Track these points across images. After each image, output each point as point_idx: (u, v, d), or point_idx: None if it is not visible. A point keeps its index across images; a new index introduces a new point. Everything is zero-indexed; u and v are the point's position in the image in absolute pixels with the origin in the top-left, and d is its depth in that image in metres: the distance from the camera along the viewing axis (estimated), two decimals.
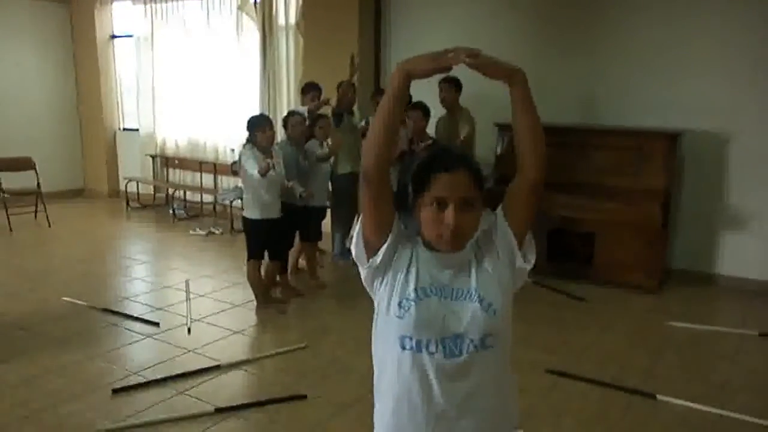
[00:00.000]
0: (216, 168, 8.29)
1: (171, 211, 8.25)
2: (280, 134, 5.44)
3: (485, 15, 6.26)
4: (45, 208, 7.69)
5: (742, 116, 5.21)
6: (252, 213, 4.74)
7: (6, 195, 7.56)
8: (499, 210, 1.50)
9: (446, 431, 1.45)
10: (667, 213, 5.26)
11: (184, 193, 8.61)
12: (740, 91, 5.19)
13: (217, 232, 7.48)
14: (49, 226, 7.62)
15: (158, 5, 8.58)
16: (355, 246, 1.50)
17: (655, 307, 5.06)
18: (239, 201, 7.48)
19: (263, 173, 4.46)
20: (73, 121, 9.59)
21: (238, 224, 7.29)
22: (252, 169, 4.53)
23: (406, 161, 2.51)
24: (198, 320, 4.70)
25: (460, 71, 1.49)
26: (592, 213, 5.33)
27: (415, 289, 1.44)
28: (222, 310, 4.96)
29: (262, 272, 5.00)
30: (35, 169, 7.81)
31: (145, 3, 8.68)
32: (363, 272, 1.52)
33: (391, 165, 1.50)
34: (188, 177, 8.75)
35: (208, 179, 8.49)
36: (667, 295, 5.33)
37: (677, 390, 3.59)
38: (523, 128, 1.42)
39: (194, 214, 8.33)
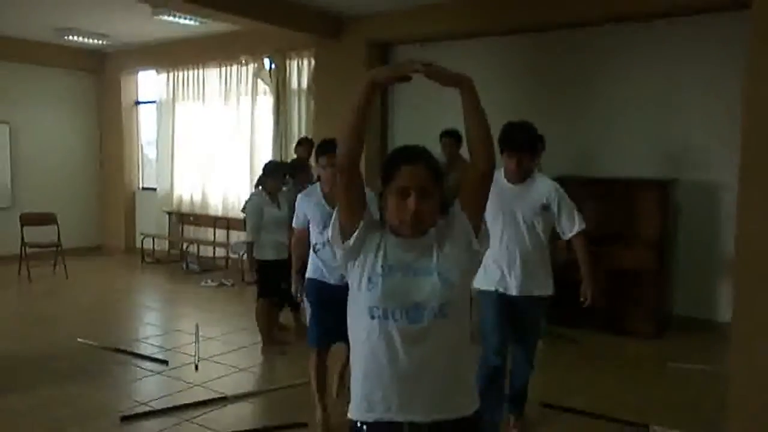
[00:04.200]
0: (229, 223, 8.59)
1: (184, 265, 8.50)
2: None
3: (486, 72, 6.65)
4: (64, 261, 7.98)
5: (728, 165, 5.42)
6: (262, 254, 4.98)
7: (28, 248, 7.87)
8: (456, 201, 1.74)
9: (408, 391, 1.64)
10: (662, 259, 5.41)
11: (198, 247, 8.88)
12: (726, 139, 5.40)
13: (228, 283, 7.69)
14: (67, 277, 7.88)
15: (180, 73, 9.15)
16: (332, 229, 1.73)
17: (652, 351, 5.14)
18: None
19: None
20: (95, 180, 10.07)
21: (249, 276, 7.54)
22: (248, 227, 5.04)
23: None
24: (206, 359, 4.85)
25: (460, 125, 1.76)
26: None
27: (383, 266, 1.67)
28: (229, 351, 5.12)
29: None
30: (57, 224, 8.15)
31: (168, 72, 9.28)
32: (338, 254, 1.75)
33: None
34: (202, 233, 9.05)
35: (221, 235, 8.77)
36: (666, 340, 5.40)
37: (670, 421, 3.66)
38: (473, 127, 1.67)
39: (207, 268, 8.56)
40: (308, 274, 3.56)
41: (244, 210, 5.28)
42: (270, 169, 5.19)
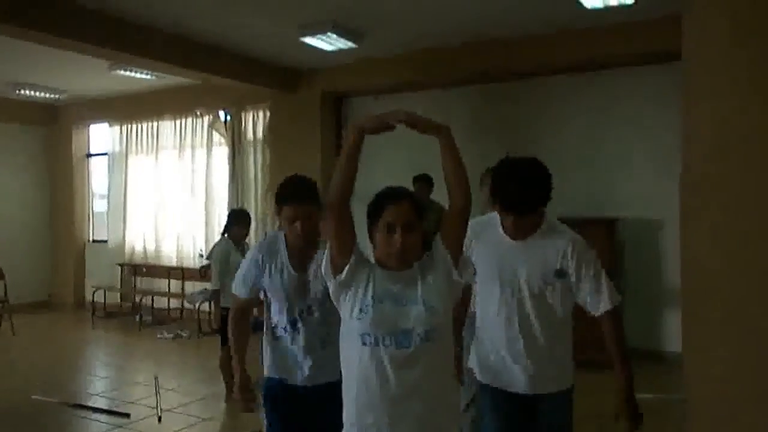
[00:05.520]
0: (184, 273, 8.51)
1: (138, 318, 8.34)
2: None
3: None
4: (11, 317, 7.71)
5: (669, 203, 5.81)
6: (226, 300, 4.98)
7: None
8: (437, 236, 1.91)
9: (399, 412, 1.77)
10: None
11: (152, 299, 8.73)
12: (665, 180, 5.79)
13: (184, 335, 7.58)
14: (14, 334, 7.61)
15: (134, 125, 9.17)
16: (324, 265, 1.88)
17: (607, 381, 5.34)
18: (207, 304, 7.71)
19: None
20: (44, 234, 9.82)
21: (206, 327, 7.48)
22: (214, 275, 4.97)
23: None
24: (168, 410, 4.78)
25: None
26: None
27: (372, 297, 1.83)
28: (191, 401, 5.06)
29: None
30: (4, 279, 7.91)
31: (121, 124, 9.28)
32: (331, 287, 1.89)
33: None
34: (156, 284, 8.91)
35: (175, 285, 8.67)
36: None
37: None
38: (449, 169, 1.86)
39: (161, 320, 8.41)
40: (266, 371, 2.60)
41: (209, 257, 5.30)
42: (234, 216, 5.23)
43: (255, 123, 8.12)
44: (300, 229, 2.40)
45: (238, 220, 5.16)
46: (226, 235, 5.14)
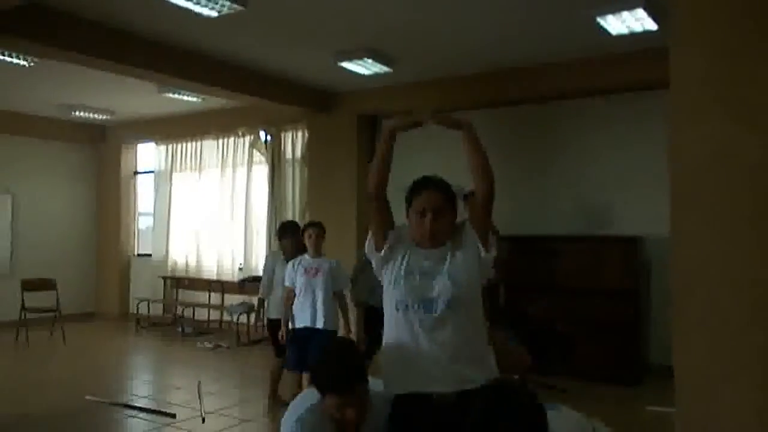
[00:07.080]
0: (224, 287, 8.88)
1: (180, 328, 8.72)
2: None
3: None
4: (62, 326, 8.16)
5: None
6: (269, 312, 5.23)
7: (27, 313, 8.05)
8: (466, 219, 2.21)
9: (431, 368, 2.05)
10: (636, 310, 5.84)
11: (193, 311, 9.12)
12: None
13: (224, 345, 7.91)
14: (64, 342, 8.05)
15: (179, 145, 9.67)
16: (368, 244, 2.21)
17: (632, 397, 5.48)
18: (245, 316, 8.06)
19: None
20: (92, 248, 10.39)
21: (245, 338, 7.81)
22: (262, 284, 5.20)
23: None
24: (211, 412, 5.08)
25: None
26: (569, 312, 5.89)
27: (405, 270, 2.13)
28: (233, 405, 5.36)
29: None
30: (56, 290, 8.38)
31: (167, 143, 9.79)
32: (374, 262, 2.22)
33: None
34: (197, 297, 9.30)
35: (215, 298, 9.04)
36: (644, 386, 5.76)
37: None
38: (472, 159, 2.14)
39: (201, 331, 8.78)
40: None
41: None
42: (283, 228, 5.27)
43: (294, 143, 8.50)
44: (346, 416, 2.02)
45: (286, 232, 5.21)
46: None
